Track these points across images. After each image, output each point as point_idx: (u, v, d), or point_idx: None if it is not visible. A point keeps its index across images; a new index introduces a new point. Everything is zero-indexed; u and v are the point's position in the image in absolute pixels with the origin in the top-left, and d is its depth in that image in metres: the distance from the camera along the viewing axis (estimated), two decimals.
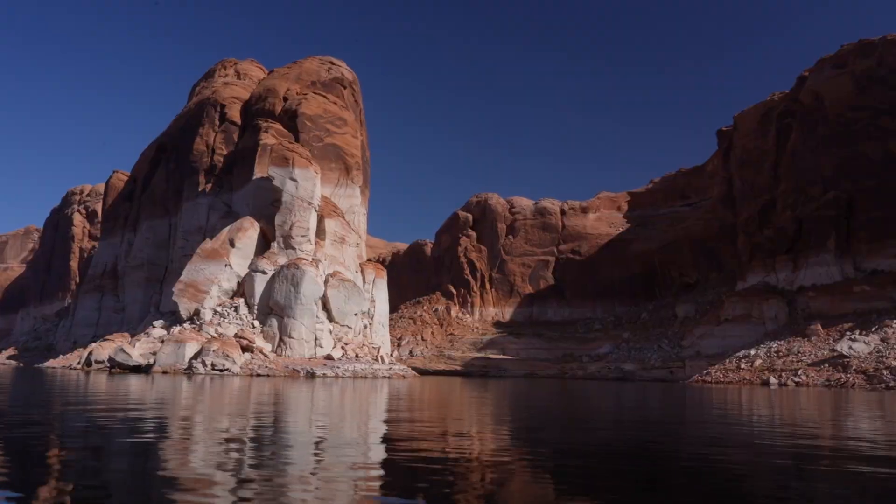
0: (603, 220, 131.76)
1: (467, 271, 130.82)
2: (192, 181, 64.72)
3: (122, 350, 47.03)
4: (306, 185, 53.98)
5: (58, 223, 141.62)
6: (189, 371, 42.48)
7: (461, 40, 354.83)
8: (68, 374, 43.62)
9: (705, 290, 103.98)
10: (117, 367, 47.24)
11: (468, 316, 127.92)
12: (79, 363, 52.00)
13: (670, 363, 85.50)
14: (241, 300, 51.53)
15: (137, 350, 47.71)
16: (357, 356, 50.52)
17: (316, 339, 49.24)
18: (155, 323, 52.35)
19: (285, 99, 62.65)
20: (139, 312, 67.76)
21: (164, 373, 43.63)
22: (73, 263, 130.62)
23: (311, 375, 44.31)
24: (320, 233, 55.07)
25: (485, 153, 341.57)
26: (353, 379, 45.71)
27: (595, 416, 19.20)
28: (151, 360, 47.36)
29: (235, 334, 47.52)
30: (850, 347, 65.32)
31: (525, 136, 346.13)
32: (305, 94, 61.24)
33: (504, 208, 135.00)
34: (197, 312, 50.81)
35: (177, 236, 66.27)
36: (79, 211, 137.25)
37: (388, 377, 49.85)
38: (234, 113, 65.83)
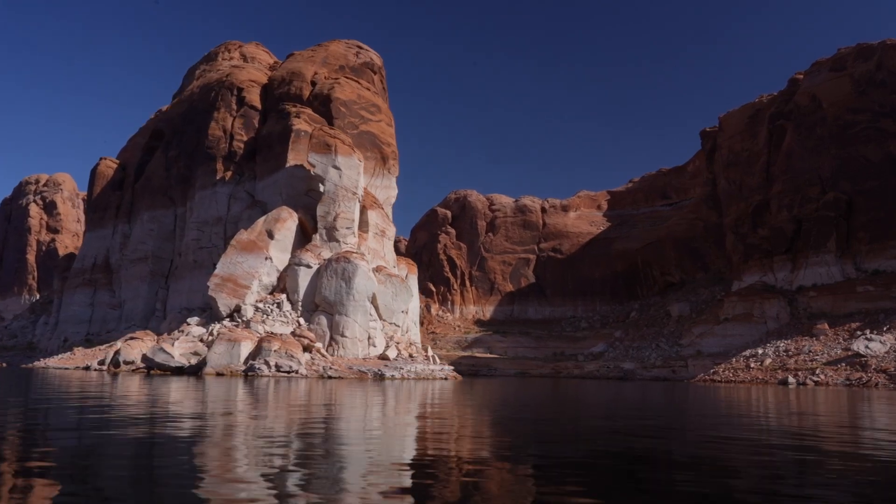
0: (583, 219, 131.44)
1: (447, 268, 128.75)
2: (208, 168, 60.48)
3: (163, 350, 42.93)
4: (350, 173, 50.70)
5: (10, 214, 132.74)
6: (251, 372, 38.85)
7: (439, 40, 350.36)
8: (85, 375, 39.27)
9: (695, 290, 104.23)
10: (156, 369, 43.16)
11: (449, 314, 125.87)
12: (102, 363, 47.48)
13: (671, 362, 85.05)
14: (283, 296, 47.97)
15: (177, 350, 43.70)
16: (411, 356, 47.70)
17: (369, 337, 46.17)
18: (189, 320, 48.19)
19: (313, 83, 59.06)
20: (143, 308, 63.10)
21: (219, 374, 39.88)
22: (31, 257, 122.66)
23: (379, 377, 41.31)
24: (362, 225, 51.90)
25: (460, 151, 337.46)
26: (416, 380, 43.03)
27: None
28: (193, 361, 43.51)
29: (293, 332, 44.02)
30: (867, 347, 65.63)
31: (503, 133, 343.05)
32: (337, 79, 57.79)
33: (484, 205, 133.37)
34: (238, 309, 47.02)
35: (187, 227, 61.88)
36: (35, 202, 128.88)
37: (445, 378, 47.35)
38: (254, 97, 61.83)
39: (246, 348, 41.20)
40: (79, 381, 30.63)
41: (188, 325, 47.46)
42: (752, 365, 70.59)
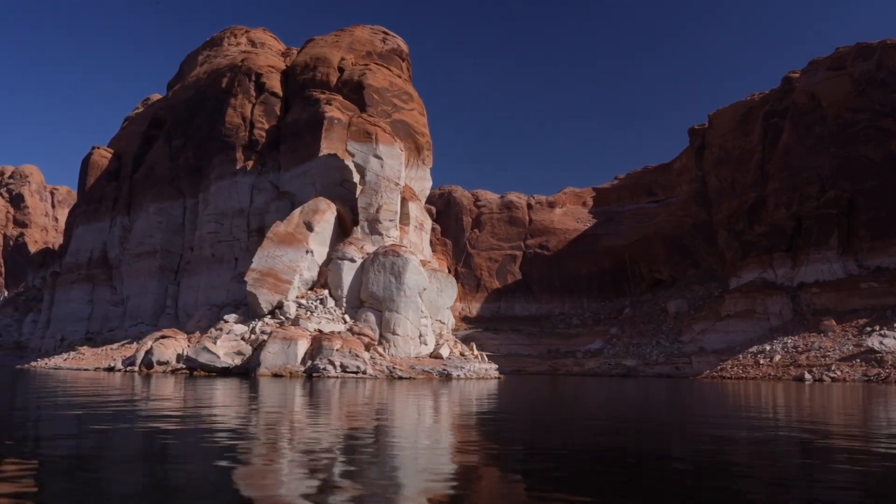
0: (569, 216, 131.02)
1: None
2: (226, 158, 57.23)
3: (207, 349, 40.01)
4: (392, 163, 48.32)
5: None
6: (315, 373, 36.30)
7: (426, 37, 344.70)
8: (111, 377, 36.15)
9: (689, 286, 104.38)
10: (199, 370, 40.25)
11: None
12: (130, 364, 44.17)
13: (674, 359, 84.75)
14: (325, 291, 45.38)
15: (220, 349, 40.82)
16: (462, 354, 45.74)
17: (420, 335, 43.99)
18: (227, 317, 45.12)
19: (340, 69, 56.40)
20: (153, 305, 59.49)
21: (276, 376, 37.25)
22: None
23: (446, 377, 39.26)
24: (403, 217, 49.56)
25: (444, 147, 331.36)
26: (477, 380, 41.18)
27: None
28: (237, 361, 40.74)
29: (349, 330, 41.50)
30: (882, 343, 66.09)
31: (487, 130, 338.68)
32: (367, 65, 55.27)
33: (469, 201, 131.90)
34: (280, 305, 44.24)
35: (200, 220, 58.53)
36: (0, 194, 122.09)
37: (497, 377, 45.66)
38: (274, 83, 58.77)
39: (302, 347, 38.63)
40: (128, 386, 27.27)
41: (226, 322, 44.45)
42: (762, 361, 70.57)
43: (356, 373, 36.59)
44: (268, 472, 7.40)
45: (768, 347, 74.44)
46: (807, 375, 64.26)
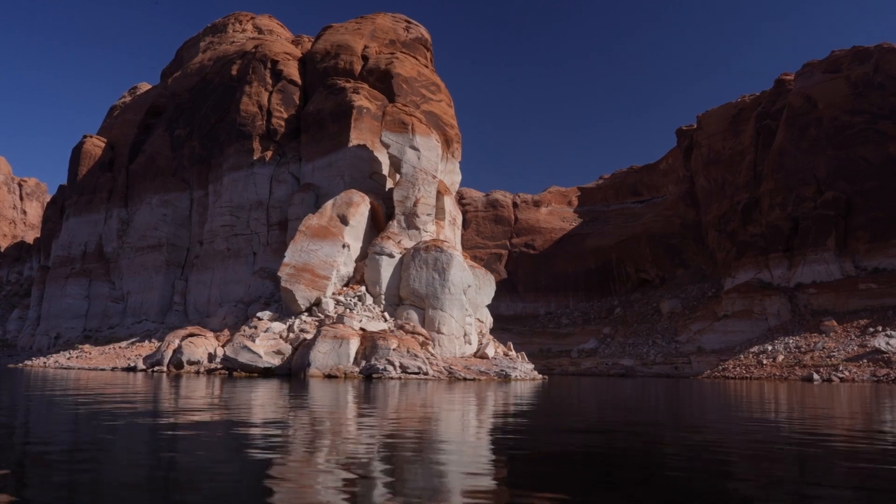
0: (555, 215, 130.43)
1: None
2: (241, 148, 54.34)
3: (248, 349, 37.55)
4: (429, 155, 46.23)
5: None
6: (375, 374, 34.18)
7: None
8: (131, 378, 33.50)
9: (682, 286, 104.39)
10: (239, 370, 37.79)
11: None
12: (156, 363, 41.31)
13: (672, 359, 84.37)
14: (363, 288, 43.16)
15: (260, 348, 38.37)
16: (506, 354, 44.03)
17: (465, 333, 42.13)
18: (261, 314, 42.52)
19: (364, 58, 54.03)
20: (159, 301, 56.25)
21: (329, 377, 35.03)
22: None
23: (505, 377, 37.53)
24: (438, 212, 47.54)
25: None
26: (530, 381, 39.62)
27: None
28: (277, 361, 38.36)
29: (402, 328, 39.37)
30: (888, 343, 66.45)
31: (473, 128, 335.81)
32: (393, 53, 53.04)
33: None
34: (318, 302, 41.87)
35: (211, 212, 55.58)
36: None
37: (544, 378, 44.11)
38: (292, 70, 56.08)
39: (354, 346, 36.44)
40: (184, 388, 23.97)
41: (259, 319, 41.90)
42: (765, 361, 70.41)
43: (416, 373, 34.62)
44: None
45: (770, 347, 74.30)
46: (815, 375, 64.18)
